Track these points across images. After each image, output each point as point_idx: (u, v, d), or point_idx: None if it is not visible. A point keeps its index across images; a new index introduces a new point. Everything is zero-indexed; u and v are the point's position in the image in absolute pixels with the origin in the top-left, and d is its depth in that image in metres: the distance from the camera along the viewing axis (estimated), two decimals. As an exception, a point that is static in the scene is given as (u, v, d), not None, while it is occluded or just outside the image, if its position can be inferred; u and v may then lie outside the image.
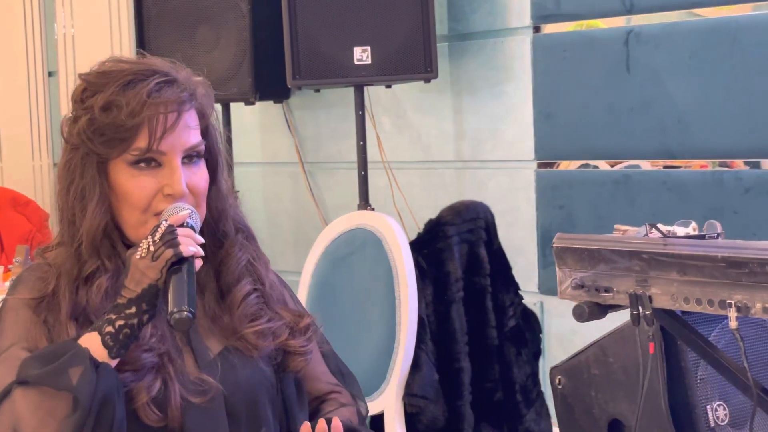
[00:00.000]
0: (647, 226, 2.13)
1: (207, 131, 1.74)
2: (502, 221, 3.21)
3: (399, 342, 2.84)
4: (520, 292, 3.16)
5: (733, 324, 1.95)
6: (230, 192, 1.80)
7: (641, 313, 2.07)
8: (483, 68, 3.59)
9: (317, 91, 3.75)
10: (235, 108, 3.91)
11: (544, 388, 3.17)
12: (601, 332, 2.41)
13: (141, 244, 1.60)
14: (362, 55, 3.35)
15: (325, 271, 3.05)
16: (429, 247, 3.06)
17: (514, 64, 3.51)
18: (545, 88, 3.43)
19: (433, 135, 3.75)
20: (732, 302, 1.93)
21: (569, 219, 3.40)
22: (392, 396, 2.83)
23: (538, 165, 3.49)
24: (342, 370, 1.94)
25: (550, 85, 3.42)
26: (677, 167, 3.20)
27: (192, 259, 1.60)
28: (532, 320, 3.17)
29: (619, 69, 3.24)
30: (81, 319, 1.63)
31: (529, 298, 3.28)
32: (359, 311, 2.96)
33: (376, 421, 2.82)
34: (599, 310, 2.15)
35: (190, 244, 1.60)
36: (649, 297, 2.05)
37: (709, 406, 2.23)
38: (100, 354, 1.56)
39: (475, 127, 3.63)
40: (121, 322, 1.57)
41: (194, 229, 1.64)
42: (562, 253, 2.18)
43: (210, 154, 1.75)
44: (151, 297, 1.58)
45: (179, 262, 1.58)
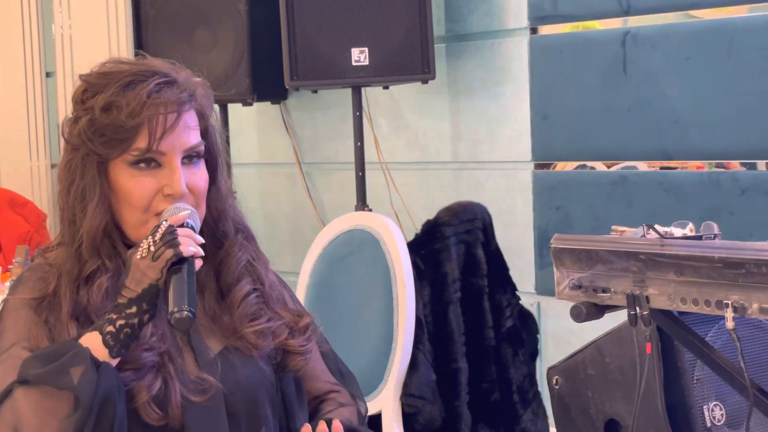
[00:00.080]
0: (644, 227, 2.14)
1: (206, 132, 1.75)
2: (499, 222, 3.21)
3: (396, 342, 2.84)
4: (517, 292, 3.17)
5: (729, 324, 1.95)
6: (230, 192, 1.80)
7: (638, 314, 2.07)
8: (480, 69, 3.59)
9: (315, 92, 3.75)
10: (233, 109, 3.91)
11: (540, 388, 3.17)
12: (597, 333, 2.41)
13: (141, 244, 1.60)
14: (360, 56, 3.35)
15: (323, 271, 3.06)
16: (426, 248, 3.06)
17: (511, 65, 3.51)
18: (542, 89, 3.43)
19: (430, 136, 3.75)
20: (729, 303, 1.93)
21: (566, 220, 3.40)
22: (390, 396, 2.83)
23: (535, 166, 3.49)
24: (341, 370, 1.94)
25: (547, 87, 3.42)
26: (674, 168, 3.21)
27: (192, 259, 1.60)
28: (529, 321, 3.17)
29: (616, 70, 3.25)
30: (82, 318, 1.64)
31: (526, 298, 3.28)
32: (357, 312, 2.96)
33: (374, 421, 2.82)
34: (597, 311, 2.16)
35: (190, 245, 1.60)
36: (647, 297, 2.05)
37: (705, 406, 2.23)
38: (100, 353, 1.57)
39: (473, 128, 3.63)
40: (121, 322, 1.58)
41: (194, 230, 1.64)
42: (560, 254, 2.18)
43: (210, 155, 1.75)
44: (152, 297, 1.58)
45: (179, 262, 1.59)
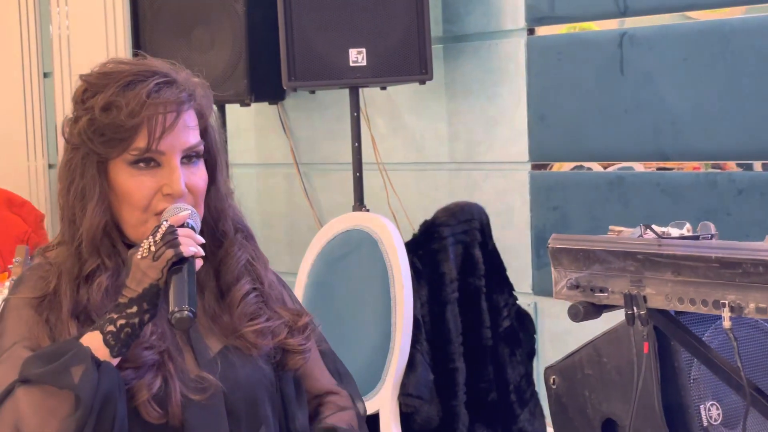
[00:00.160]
0: (642, 227, 2.14)
1: (206, 131, 1.75)
2: (497, 223, 3.21)
3: (394, 342, 2.84)
4: (514, 292, 3.17)
5: (726, 324, 1.95)
6: (229, 192, 1.80)
7: (636, 313, 2.07)
8: (477, 70, 3.59)
9: (312, 93, 3.75)
10: (231, 109, 3.90)
11: (538, 388, 3.17)
12: (594, 333, 2.41)
13: (142, 244, 1.61)
14: (357, 56, 3.35)
15: (321, 271, 3.05)
16: (424, 248, 3.06)
17: (508, 66, 3.51)
18: (539, 90, 3.43)
19: (427, 136, 3.75)
20: (726, 302, 1.94)
21: (563, 220, 3.41)
22: (387, 396, 2.83)
23: (532, 166, 3.49)
24: (339, 370, 1.94)
25: (544, 87, 3.42)
26: (670, 169, 3.21)
27: (192, 259, 1.61)
28: (526, 321, 3.17)
29: (613, 71, 3.25)
30: (82, 317, 1.64)
31: (523, 298, 3.28)
32: (355, 312, 2.96)
33: (372, 421, 2.81)
34: (594, 310, 2.16)
35: (191, 245, 1.60)
36: (644, 297, 2.06)
37: (702, 406, 2.23)
38: (101, 353, 1.57)
39: (470, 129, 3.63)
40: (122, 321, 1.58)
41: (194, 230, 1.65)
42: (558, 254, 2.18)
43: (209, 155, 1.75)
44: (152, 296, 1.59)
45: (180, 262, 1.59)
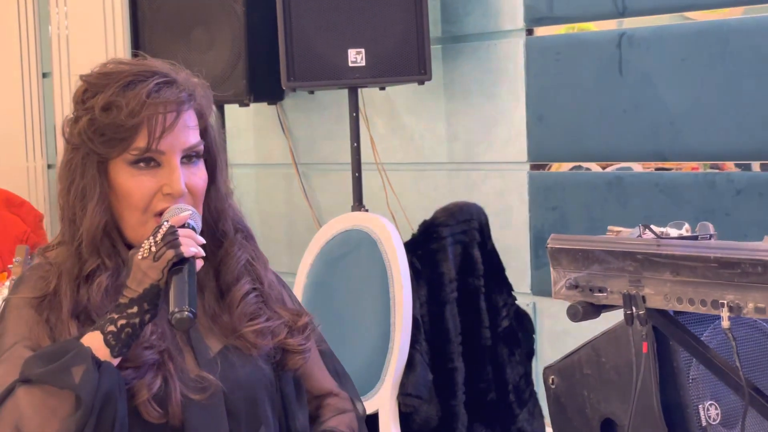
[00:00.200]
0: (641, 227, 2.14)
1: (206, 131, 1.75)
2: (495, 223, 3.21)
3: (393, 342, 2.84)
4: (513, 293, 3.17)
5: (725, 324, 1.95)
6: (229, 192, 1.80)
7: (634, 313, 2.07)
8: (476, 70, 3.59)
9: (311, 93, 3.75)
10: (230, 109, 3.90)
11: (537, 388, 3.17)
12: (593, 333, 2.41)
13: (143, 245, 1.61)
14: (356, 57, 3.35)
15: (320, 271, 3.05)
16: (423, 248, 3.06)
17: (507, 66, 3.51)
18: (538, 90, 3.43)
19: (426, 137, 3.75)
20: (724, 302, 1.93)
21: (562, 220, 3.41)
22: (387, 395, 2.83)
23: (531, 167, 3.49)
24: (338, 370, 1.94)
25: (542, 88, 3.42)
26: (669, 169, 3.21)
27: (193, 259, 1.61)
28: (525, 321, 3.17)
29: (612, 71, 3.25)
30: (82, 317, 1.64)
31: (521, 299, 3.28)
32: (354, 312, 2.95)
33: (371, 421, 2.81)
34: (593, 310, 2.16)
35: (191, 245, 1.61)
36: (643, 297, 2.05)
37: (701, 406, 2.22)
38: (102, 353, 1.57)
39: (468, 129, 3.63)
40: (123, 322, 1.58)
41: (195, 230, 1.65)
42: (557, 254, 2.18)
43: (209, 155, 1.75)
44: (153, 297, 1.59)
45: (180, 262, 1.59)
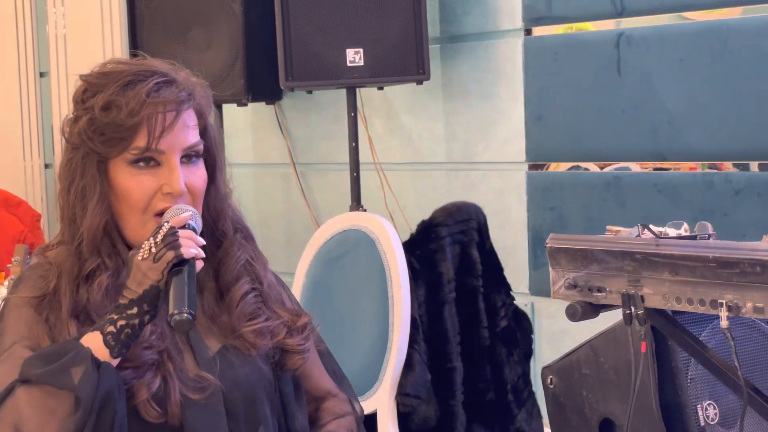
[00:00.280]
0: (639, 226, 2.14)
1: (205, 131, 1.75)
2: (493, 223, 3.20)
3: (392, 342, 2.84)
4: (511, 293, 3.17)
5: (724, 323, 1.95)
6: (229, 192, 1.80)
7: (633, 313, 2.07)
8: (474, 70, 3.59)
9: (309, 93, 3.74)
10: (228, 109, 3.90)
11: (535, 388, 3.17)
12: (591, 333, 2.41)
13: (143, 246, 1.61)
14: (355, 56, 3.35)
15: (319, 271, 3.05)
16: (422, 248, 3.05)
17: (505, 66, 3.51)
18: (536, 90, 3.42)
19: (424, 137, 3.74)
20: (723, 302, 1.94)
21: (560, 220, 3.40)
22: (385, 395, 2.83)
23: (530, 167, 3.48)
24: (336, 371, 1.94)
25: (541, 87, 3.41)
26: (667, 169, 3.21)
27: (193, 261, 1.61)
28: (523, 321, 3.17)
29: (610, 71, 3.25)
30: (82, 317, 1.64)
31: (520, 299, 3.28)
32: (352, 312, 2.95)
33: (369, 421, 2.82)
34: (592, 310, 2.16)
35: (191, 246, 1.61)
36: (641, 297, 2.06)
37: (699, 406, 2.22)
38: (101, 353, 1.57)
39: (467, 129, 3.63)
40: (122, 322, 1.58)
41: (196, 231, 1.65)
42: (556, 254, 2.18)
43: (208, 154, 1.75)
44: (153, 298, 1.59)
45: (180, 263, 1.59)
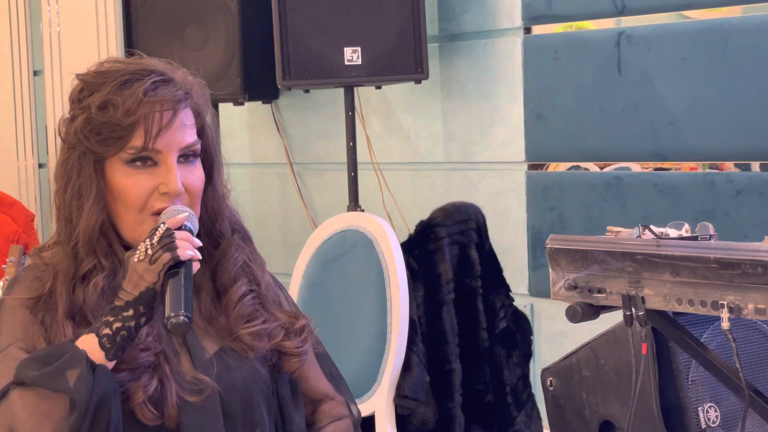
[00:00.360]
0: (640, 227, 2.14)
1: (203, 130, 1.74)
2: (493, 223, 3.20)
3: (390, 343, 2.84)
4: (510, 294, 3.15)
5: (725, 325, 1.96)
6: (226, 192, 1.80)
7: (634, 314, 2.07)
8: (473, 69, 3.58)
9: (307, 92, 3.73)
10: (224, 108, 3.89)
11: (534, 390, 3.16)
12: (591, 334, 2.41)
13: (139, 247, 1.60)
14: (352, 55, 3.34)
15: (316, 272, 3.05)
16: (420, 249, 3.05)
17: (504, 65, 3.50)
18: (536, 89, 3.41)
19: (423, 136, 3.73)
20: (724, 303, 1.94)
21: (560, 221, 3.39)
22: (383, 397, 2.83)
23: (529, 167, 3.47)
24: (333, 374, 1.94)
25: (540, 87, 3.40)
26: (668, 169, 3.20)
27: (189, 262, 1.60)
28: (522, 322, 3.16)
29: (611, 70, 3.24)
30: (78, 318, 1.64)
31: (519, 300, 3.27)
32: (350, 312, 2.95)
33: (367, 423, 2.81)
34: (592, 311, 2.16)
35: (188, 248, 1.60)
36: (642, 298, 2.06)
37: (700, 408, 2.23)
38: (97, 356, 1.56)
39: (466, 128, 3.62)
40: (118, 325, 1.57)
41: (192, 232, 1.64)
42: (556, 254, 2.18)
43: (206, 154, 1.75)
44: (149, 300, 1.58)
45: (177, 265, 1.58)
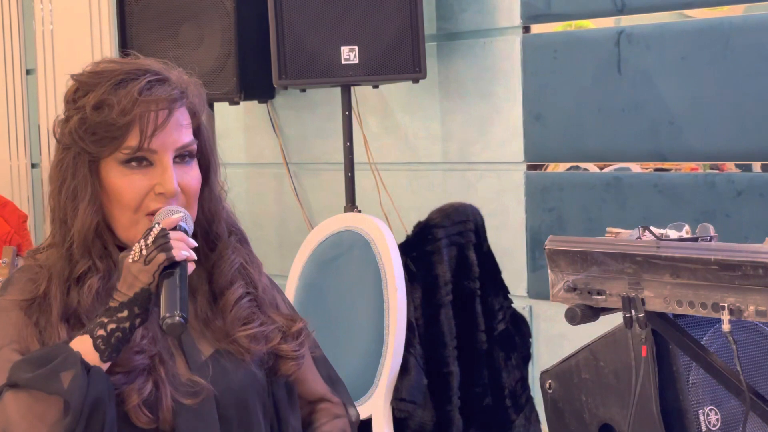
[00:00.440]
0: (640, 228, 2.14)
1: (199, 130, 1.74)
2: (491, 224, 3.19)
3: (387, 346, 2.84)
4: (509, 296, 3.14)
5: (725, 327, 1.96)
6: (223, 194, 1.79)
7: (634, 316, 2.07)
8: (472, 68, 3.57)
9: (303, 91, 3.72)
10: (219, 108, 3.88)
11: (533, 392, 3.15)
12: (590, 337, 2.41)
13: (134, 248, 1.60)
14: (349, 54, 3.32)
15: (313, 273, 3.05)
16: (418, 250, 3.04)
17: (503, 64, 3.49)
18: (535, 88, 3.41)
19: (421, 136, 3.72)
20: (725, 305, 1.95)
21: (559, 222, 3.38)
22: (380, 400, 2.82)
23: (528, 167, 3.46)
24: (332, 377, 1.94)
25: (539, 86, 3.39)
26: (668, 170, 3.19)
27: (184, 263, 1.59)
28: (521, 324, 3.15)
29: (610, 70, 3.23)
30: (72, 320, 1.63)
31: (517, 302, 3.26)
32: (347, 315, 2.95)
33: (364, 426, 2.80)
34: (592, 313, 2.17)
35: (183, 248, 1.59)
36: (642, 300, 2.07)
37: (701, 411, 2.24)
38: (91, 357, 1.56)
39: (464, 128, 3.61)
40: (113, 326, 1.57)
41: (187, 233, 1.64)
42: (555, 256, 2.18)
43: (202, 155, 1.74)
44: (144, 301, 1.58)
45: (172, 266, 1.58)
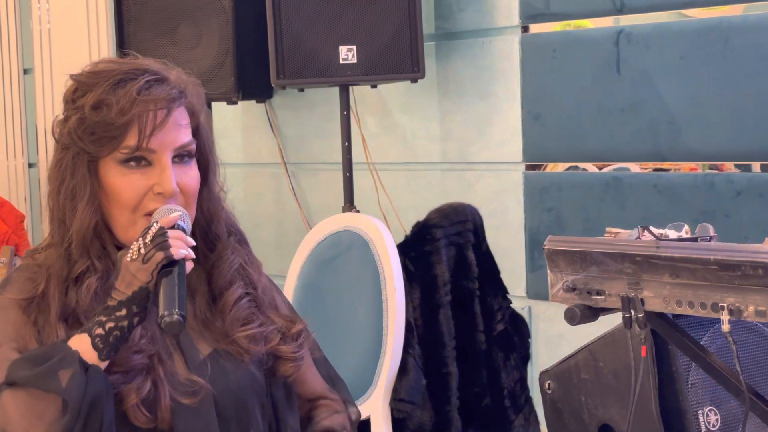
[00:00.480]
0: (639, 228, 2.14)
1: (198, 130, 1.74)
2: (490, 224, 3.19)
3: (386, 346, 2.84)
4: (508, 296, 3.14)
5: (725, 327, 1.96)
6: (222, 194, 1.79)
7: (633, 316, 2.07)
8: (470, 68, 3.57)
9: (301, 91, 3.71)
10: (217, 107, 3.88)
11: (532, 393, 3.14)
12: (589, 337, 2.41)
13: (132, 246, 1.60)
14: (348, 54, 3.32)
15: (311, 274, 3.04)
16: (416, 250, 3.04)
17: (502, 64, 3.48)
18: (534, 88, 3.40)
19: (419, 136, 3.72)
20: (724, 305, 1.95)
21: (558, 222, 3.38)
22: (379, 401, 2.82)
23: (527, 167, 3.46)
24: (332, 376, 1.94)
25: (538, 86, 3.39)
26: (667, 170, 3.19)
27: (183, 261, 1.59)
28: (520, 324, 3.15)
29: (610, 70, 3.22)
30: (71, 320, 1.63)
31: (516, 302, 3.26)
32: (346, 315, 2.95)
33: (363, 427, 2.80)
34: (591, 313, 2.17)
35: (181, 247, 1.59)
36: (641, 300, 2.07)
37: (700, 411, 2.24)
38: (89, 356, 1.56)
39: (462, 128, 3.60)
40: (111, 325, 1.56)
41: (185, 231, 1.63)
42: (554, 256, 2.18)
43: (201, 155, 1.74)
44: (142, 299, 1.58)
45: (170, 264, 1.58)
